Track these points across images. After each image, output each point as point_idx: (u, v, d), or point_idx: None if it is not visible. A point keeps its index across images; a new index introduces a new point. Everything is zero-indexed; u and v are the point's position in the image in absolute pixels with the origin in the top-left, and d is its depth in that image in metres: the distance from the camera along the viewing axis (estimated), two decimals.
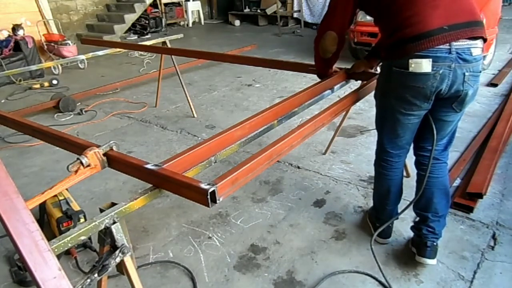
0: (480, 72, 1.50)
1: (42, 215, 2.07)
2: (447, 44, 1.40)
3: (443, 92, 1.47)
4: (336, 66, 2.03)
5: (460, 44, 1.41)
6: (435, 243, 1.76)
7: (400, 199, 1.93)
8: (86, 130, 3.61)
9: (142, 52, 6.43)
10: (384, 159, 1.82)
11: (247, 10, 10.26)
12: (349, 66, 2.10)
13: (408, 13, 1.45)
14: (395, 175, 1.84)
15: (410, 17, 1.44)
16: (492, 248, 1.91)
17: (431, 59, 1.41)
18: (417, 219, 1.87)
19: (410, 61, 1.43)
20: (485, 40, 1.48)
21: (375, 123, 1.81)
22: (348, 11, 1.69)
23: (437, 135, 1.64)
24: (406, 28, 1.45)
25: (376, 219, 1.99)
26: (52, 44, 5.95)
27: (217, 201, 1.01)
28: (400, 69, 1.49)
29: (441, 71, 1.42)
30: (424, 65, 1.42)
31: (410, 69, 1.45)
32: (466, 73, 1.44)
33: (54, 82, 5.06)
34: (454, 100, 1.52)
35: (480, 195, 2.21)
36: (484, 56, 4.61)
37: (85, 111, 4.04)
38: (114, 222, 1.04)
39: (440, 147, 1.73)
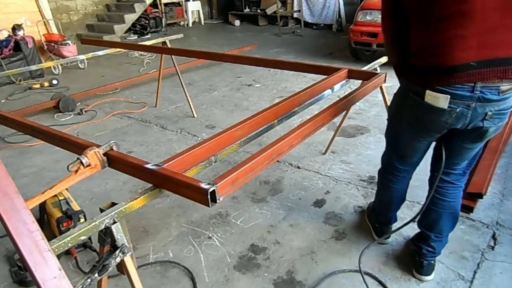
0: (510, 108, 1.31)
1: (42, 215, 2.07)
2: (471, 83, 1.23)
3: (459, 128, 1.36)
4: (336, 66, 2.02)
5: (487, 83, 1.23)
6: (432, 262, 1.73)
7: (401, 205, 1.92)
8: (86, 130, 3.61)
9: (142, 52, 6.43)
10: (392, 173, 1.78)
11: (247, 10, 10.26)
12: (349, 66, 2.09)
13: (432, 39, 1.26)
14: (401, 187, 1.81)
15: (433, 45, 1.26)
16: (492, 248, 1.91)
17: (449, 96, 1.26)
18: (418, 233, 1.82)
19: (427, 92, 1.31)
20: None
21: (385, 134, 1.76)
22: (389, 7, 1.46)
23: (454, 159, 1.55)
24: (427, 56, 1.29)
25: (376, 221, 2.00)
26: (52, 44, 5.95)
27: (217, 201, 1.01)
28: (415, 96, 1.37)
29: (458, 109, 1.28)
30: (440, 100, 1.28)
31: (426, 100, 1.32)
32: (489, 112, 1.28)
33: (54, 82, 5.06)
34: (472, 133, 1.39)
35: (480, 195, 2.21)
36: None
37: (85, 111, 4.04)
38: (114, 222, 1.04)
39: (458, 171, 1.62)
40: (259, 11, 9.95)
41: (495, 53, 1.20)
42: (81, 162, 1.14)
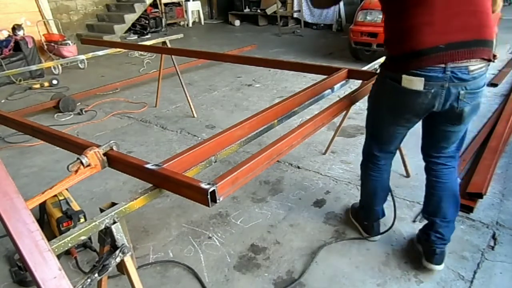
0: (481, 87, 1.42)
1: (42, 215, 2.07)
2: (442, 64, 1.33)
3: (436, 109, 1.44)
4: (336, 66, 2.02)
5: (457, 64, 1.33)
6: (443, 250, 1.75)
7: (387, 198, 1.94)
8: (86, 130, 3.61)
9: (142, 52, 6.43)
10: (372, 161, 1.83)
11: (247, 10, 10.26)
12: (349, 66, 2.09)
13: (402, 25, 1.38)
14: (382, 176, 1.85)
15: (404, 31, 1.38)
16: (492, 248, 1.91)
17: (423, 78, 1.36)
18: (425, 223, 1.85)
19: (403, 76, 1.40)
20: (489, 60, 1.37)
21: (366, 124, 1.82)
22: None
23: (441, 143, 1.64)
24: (398, 43, 1.40)
25: (365, 218, 2.01)
26: (52, 44, 5.95)
27: (217, 201, 1.01)
28: (393, 81, 1.46)
29: (433, 90, 1.37)
30: (415, 83, 1.38)
31: (402, 84, 1.41)
32: (461, 91, 1.38)
33: (54, 82, 5.06)
34: (451, 115, 1.47)
35: (480, 195, 2.21)
36: None
37: (85, 111, 4.04)
38: (114, 222, 1.04)
39: (448, 154, 1.69)
40: (259, 11, 9.95)
41: (461, 36, 1.32)
42: (81, 162, 1.14)
